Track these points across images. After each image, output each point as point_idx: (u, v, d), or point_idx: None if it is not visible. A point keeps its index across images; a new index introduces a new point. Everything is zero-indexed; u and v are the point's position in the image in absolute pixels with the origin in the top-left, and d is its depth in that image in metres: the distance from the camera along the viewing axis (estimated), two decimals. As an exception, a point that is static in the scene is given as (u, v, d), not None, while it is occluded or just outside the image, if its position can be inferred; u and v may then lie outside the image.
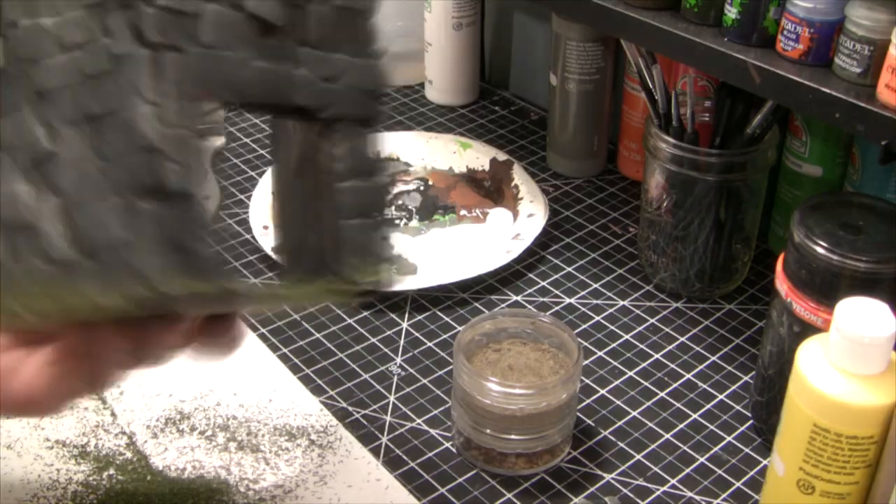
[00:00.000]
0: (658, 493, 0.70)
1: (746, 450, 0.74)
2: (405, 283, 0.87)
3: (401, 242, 0.94)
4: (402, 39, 1.20)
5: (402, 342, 0.83)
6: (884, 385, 0.57)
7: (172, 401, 0.76)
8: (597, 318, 0.87)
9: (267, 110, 0.45)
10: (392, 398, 0.78)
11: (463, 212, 0.99)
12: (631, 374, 0.80)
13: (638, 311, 0.87)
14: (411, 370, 0.81)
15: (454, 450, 0.73)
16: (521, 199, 0.98)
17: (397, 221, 0.97)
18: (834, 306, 0.58)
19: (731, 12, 0.73)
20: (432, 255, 0.93)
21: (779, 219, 0.91)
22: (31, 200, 0.40)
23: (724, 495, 0.70)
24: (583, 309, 0.88)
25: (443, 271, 0.89)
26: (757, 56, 0.72)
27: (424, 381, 0.80)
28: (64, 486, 0.69)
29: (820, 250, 0.65)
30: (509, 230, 0.95)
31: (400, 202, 1.00)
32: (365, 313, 0.86)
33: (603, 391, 0.79)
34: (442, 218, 0.98)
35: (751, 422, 0.76)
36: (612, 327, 0.86)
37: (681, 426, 0.76)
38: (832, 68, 0.69)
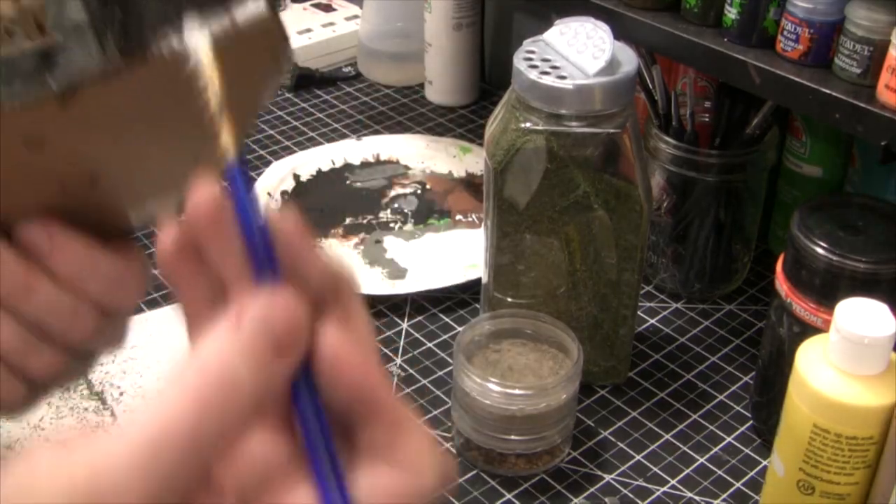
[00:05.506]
0: (658, 493, 0.70)
1: (746, 450, 0.74)
2: (405, 286, 0.87)
3: (395, 245, 0.94)
4: (402, 39, 1.20)
5: (402, 343, 0.83)
6: (883, 385, 0.57)
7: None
8: (597, 318, 0.87)
9: None
10: (392, 399, 0.78)
11: (458, 216, 0.98)
12: (631, 374, 0.80)
13: (638, 312, 0.87)
14: (411, 371, 0.81)
15: (454, 450, 0.73)
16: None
17: (392, 224, 0.97)
18: (834, 307, 0.58)
19: (731, 13, 0.73)
20: (425, 258, 0.92)
21: (779, 219, 0.91)
22: None
23: (723, 496, 0.70)
24: (583, 309, 0.88)
25: (440, 274, 0.89)
26: (757, 56, 0.72)
27: (424, 381, 0.80)
28: (64, 487, 0.68)
29: (820, 251, 0.65)
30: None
31: (396, 205, 0.99)
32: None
33: (603, 391, 0.79)
34: (437, 222, 0.98)
35: (751, 422, 0.76)
36: (611, 328, 0.86)
37: (680, 426, 0.76)
38: (832, 69, 0.69)
